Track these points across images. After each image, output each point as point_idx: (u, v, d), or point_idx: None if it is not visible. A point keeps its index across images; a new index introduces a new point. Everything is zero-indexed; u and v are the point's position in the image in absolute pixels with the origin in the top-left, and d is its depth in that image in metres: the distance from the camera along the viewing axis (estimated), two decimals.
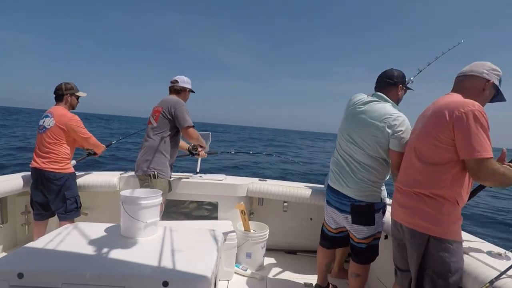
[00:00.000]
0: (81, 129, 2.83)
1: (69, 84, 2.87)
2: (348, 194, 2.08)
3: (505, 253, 1.67)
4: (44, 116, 2.81)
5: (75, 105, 2.95)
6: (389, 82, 2.08)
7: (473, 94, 1.59)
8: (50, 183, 2.71)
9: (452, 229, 1.52)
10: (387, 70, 2.13)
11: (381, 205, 2.09)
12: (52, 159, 2.72)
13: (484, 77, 1.59)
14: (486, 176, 1.43)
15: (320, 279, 2.48)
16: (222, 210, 3.17)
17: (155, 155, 2.69)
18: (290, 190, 3.11)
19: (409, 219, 1.61)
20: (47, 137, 2.73)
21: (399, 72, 2.11)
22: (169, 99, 2.81)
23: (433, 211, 1.52)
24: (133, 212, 1.81)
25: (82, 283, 1.39)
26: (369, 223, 2.08)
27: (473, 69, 1.62)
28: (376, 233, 2.14)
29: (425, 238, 1.53)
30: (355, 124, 2.07)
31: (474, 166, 1.43)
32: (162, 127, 2.73)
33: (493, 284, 1.36)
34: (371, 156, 2.01)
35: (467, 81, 1.63)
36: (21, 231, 3.11)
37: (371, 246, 2.15)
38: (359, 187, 2.04)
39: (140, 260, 1.54)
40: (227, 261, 2.66)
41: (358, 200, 2.05)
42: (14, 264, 1.45)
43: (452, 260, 1.50)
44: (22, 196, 3.05)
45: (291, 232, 3.37)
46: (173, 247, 1.73)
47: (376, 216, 2.08)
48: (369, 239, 2.13)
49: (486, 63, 1.63)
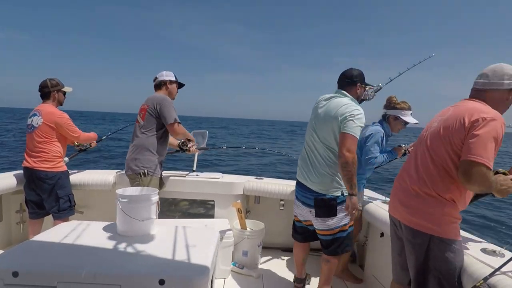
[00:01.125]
0: (71, 126, 2.79)
1: (54, 80, 2.81)
2: (312, 188, 2.19)
3: (499, 251, 1.68)
4: (32, 115, 2.75)
5: (62, 101, 2.90)
6: (347, 81, 2.25)
7: (496, 104, 1.54)
8: (42, 182, 2.68)
9: (453, 228, 1.53)
10: (347, 70, 2.29)
11: (343, 198, 2.16)
12: (43, 158, 2.69)
13: (506, 88, 1.53)
14: (475, 180, 1.40)
15: (298, 272, 2.55)
16: (218, 208, 3.17)
17: (144, 153, 2.66)
18: (286, 189, 3.12)
19: (410, 217, 1.60)
20: (36, 136, 2.69)
21: (358, 71, 2.28)
22: (154, 96, 2.79)
23: (435, 211, 1.53)
24: (129, 210, 1.80)
25: (78, 281, 1.39)
26: (332, 215, 2.18)
27: (493, 80, 1.54)
28: (342, 225, 2.21)
29: (427, 238, 1.54)
30: (317, 119, 2.22)
31: (465, 167, 1.42)
32: (149, 125, 2.69)
33: (487, 281, 1.37)
34: (331, 149, 2.14)
35: (489, 94, 1.56)
36: (16, 229, 3.09)
37: (337, 238, 2.23)
38: (321, 181, 2.16)
39: (136, 259, 1.54)
40: (224, 259, 2.66)
41: (321, 193, 2.16)
42: (9, 263, 1.44)
43: (456, 259, 1.52)
44: (17, 195, 3.03)
45: (287, 230, 3.36)
46: (169, 245, 1.73)
47: (338, 208, 2.17)
48: (334, 231, 2.21)
49: (505, 69, 1.54)
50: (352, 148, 2.01)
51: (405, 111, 2.62)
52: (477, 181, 1.40)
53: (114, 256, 1.57)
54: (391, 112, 2.65)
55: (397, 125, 2.68)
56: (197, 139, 3.13)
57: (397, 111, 2.63)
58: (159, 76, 2.89)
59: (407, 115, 2.63)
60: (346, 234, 2.25)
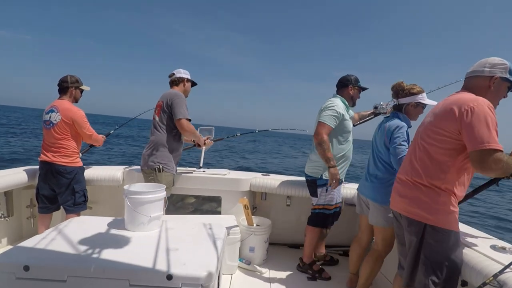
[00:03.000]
0: (86, 124, 2.85)
1: (74, 77, 2.87)
2: (306, 171, 2.80)
3: (509, 248, 1.66)
4: (49, 111, 2.79)
5: (78, 98, 2.95)
6: (341, 84, 2.75)
7: (481, 92, 1.60)
8: (61, 176, 2.74)
9: (448, 219, 1.54)
10: (344, 75, 2.77)
11: (323, 182, 2.65)
12: (63, 153, 2.75)
13: (486, 75, 1.61)
14: (491, 166, 1.41)
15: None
16: (225, 205, 3.18)
17: (160, 149, 2.69)
18: (293, 185, 3.11)
19: (407, 207, 1.66)
20: (56, 132, 2.74)
21: (352, 76, 2.75)
22: (168, 92, 2.81)
23: (430, 201, 1.56)
24: (136, 206, 1.82)
25: (87, 276, 1.40)
26: (314, 195, 2.73)
27: (475, 68, 1.65)
28: (326, 205, 2.69)
29: (422, 226, 1.57)
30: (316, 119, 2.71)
31: (479, 157, 1.43)
32: (164, 121, 2.72)
33: (497, 278, 1.35)
34: None
35: (472, 81, 1.66)
36: (27, 224, 3.14)
37: (318, 213, 2.72)
38: (308, 165, 2.77)
39: (144, 254, 1.55)
40: (231, 255, 2.67)
41: (308, 175, 2.76)
42: (20, 257, 1.46)
43: (448, 249, 1.53)
44: (28, 190, 3.08)
45: (294, 226, 3.38)
46: (176, 241, 1.74)
47: (319, 190, 2.68)
48: (317, 207, 2.72)
49: (488, 59, 1.63)
50: (319, 131, 2.53)
51: (422, 94, 2.31)
52: (494, 167, 1.41)
53: (122, 251, 1.59)
54: (409, 99, 2.30)
55: (418, 112, 2.36)
56: (204, 135, 3.14)
57: (415, 97, 2.30)
58: (176, 72, 2.90)
59: (425, 98, 2.33)
60: (328, 212, 2.69)
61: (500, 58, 1.62)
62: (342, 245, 3.30)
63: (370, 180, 2.34)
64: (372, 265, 2.30)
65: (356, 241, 2.60)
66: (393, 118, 2.31)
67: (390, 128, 2.23)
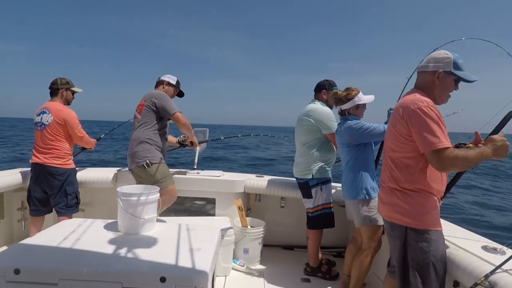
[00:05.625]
0: (78, 126, 2.83)
1: (65, 79, 2.87)
2: (295, 175, 2.85)
3: (500, 248, 1.68)
4: (41, 112, 2.77)
5: (70, 100, 2.93)
6: (317, 89, 2.89)
7: (428, 88, 1.63)
8: (53, 178, 2.71)
9: (426, 219, 1.56)
10: (321, 80, 2.90)
11: (315, 181, 2.70)
12: (55, 155, 2.73)
13: (430, 70, 1.62)
14: (448, 165, 1.44)
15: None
16: (219, 206, 3.17)
17: (141, 145, 2.69)
18: (287, 186, 3.12)
19: (387, 213, 1.69)
20: (47, 133, 2.72)
21: (326, 81, 2.87)
22: (152, 92, 2.86)
23: (405, 204, 1.58)
24: (130, 208, 1.81)
25: (79, 279, 1.39)
26: (308, 196, 2.75)
27: (422, 64, 1.67)
28: (325, 204, 2.72)
29: (403, 230, 1.59)
30: (296, 123, 2.87)
31: (433, 159, 1.46)
32: (146, 119, 2.74)
33: (488, 279, 1.37)
34: (301, 142, 2.78)
35: (420, 77, 1.69)
36: (18, 227, 3.10)
37: (316, 215, 2.74)
38: (297, 169, 2.81)
39: (137, 256, 1.54)
40: (225, 257, 2.66)
41: (299, 178, 2.80)
42: (10, 260, 1.44)
43: (430, 249, 1.54)
44: (19, 192, 3.04)
45: (288, 228, 3.38)
46: (170, 243, 1.73)
47: (312, 190, 2.71)
48: (313, 209, 2.74)
49: (434, 54, 1.65)
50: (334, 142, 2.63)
51: (357, 96, 2.42)
52: (450, 164, 1.44)
53: (115, 254, 1.57)
54: (349, 104, 2.43)
55: (361, 111, 2.50)
56: (198, 137, 3.14)
57: (353, 101, 2.42)
58: (162, 76, 3.01)
59: (362, 98, 2.44)
60: (327, 212, 2.73)
61: (445, 51, 1.61)
62: (335, 247, 3.31)
63: (344, 182, 2.44)
64: (362, 264, 2.32)
65: (352, 242, 2.62)
66: (345, 121, 2.43)
67: (347, 127, 2.36)
